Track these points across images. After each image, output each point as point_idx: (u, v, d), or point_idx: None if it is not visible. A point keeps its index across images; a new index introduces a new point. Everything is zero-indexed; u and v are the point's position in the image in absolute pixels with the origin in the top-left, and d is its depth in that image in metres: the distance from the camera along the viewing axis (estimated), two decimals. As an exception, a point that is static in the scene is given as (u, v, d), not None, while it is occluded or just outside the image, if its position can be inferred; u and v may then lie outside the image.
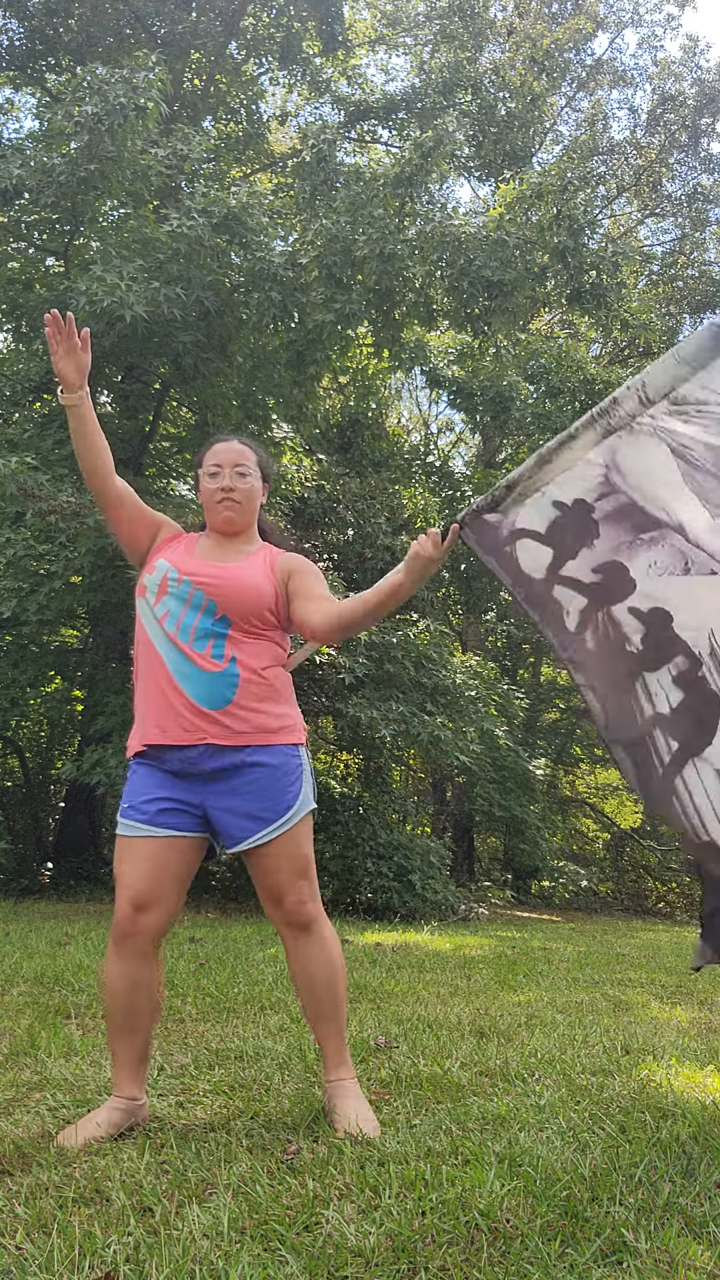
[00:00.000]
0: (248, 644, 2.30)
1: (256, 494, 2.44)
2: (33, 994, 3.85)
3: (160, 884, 2.20)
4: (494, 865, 17.63)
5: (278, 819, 2.22)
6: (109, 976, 2.22)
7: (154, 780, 2.25)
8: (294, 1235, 1.63)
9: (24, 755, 12.37)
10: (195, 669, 2.24)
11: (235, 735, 2.23)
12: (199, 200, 8.70)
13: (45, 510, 8.16)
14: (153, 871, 2.20)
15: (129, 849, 2.23)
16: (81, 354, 2.27)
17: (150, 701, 2.27)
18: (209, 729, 2.22)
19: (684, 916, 16.33)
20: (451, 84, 11.79)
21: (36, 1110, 2.32)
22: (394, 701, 10.05)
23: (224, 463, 2.41)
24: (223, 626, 2.28)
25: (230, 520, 2.40)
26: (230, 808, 2.22)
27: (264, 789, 2.23)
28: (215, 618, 2.28)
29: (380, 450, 13.61)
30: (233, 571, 2.32)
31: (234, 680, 2.25)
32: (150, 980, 2.22)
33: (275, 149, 14.44)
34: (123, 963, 2.20)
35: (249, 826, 2.22)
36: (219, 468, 2.41)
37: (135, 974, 2.19)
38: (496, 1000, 4.19)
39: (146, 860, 2.20)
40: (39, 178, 8.51)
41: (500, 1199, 1.75)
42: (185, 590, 2.28)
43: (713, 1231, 1.68)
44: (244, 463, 2.42)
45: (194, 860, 2.28)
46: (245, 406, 10.59)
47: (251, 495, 2.42)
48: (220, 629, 2.28)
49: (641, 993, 4.65)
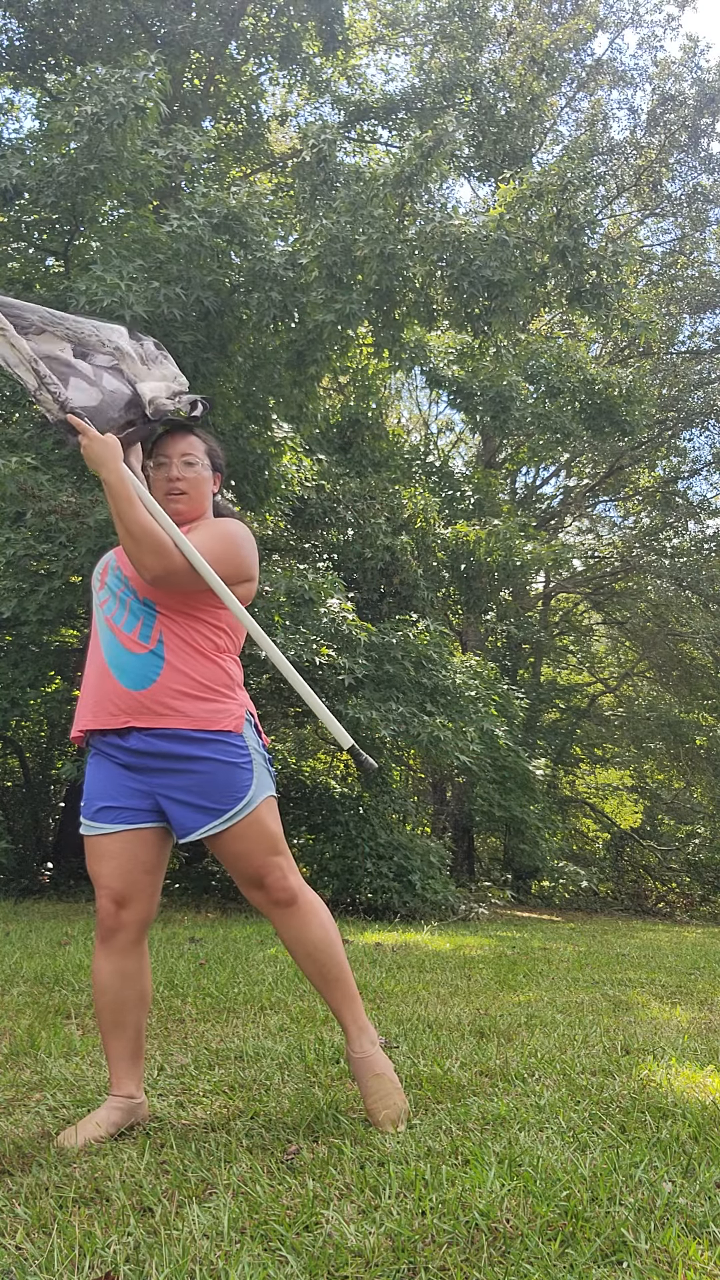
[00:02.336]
0: (177, 623, 2.26)
1: (204, 483, 2.41)
2: (33, 994, 3.85)
3: (134, 878, 2.22)
4: (494, 865, 17.64)
5: (231, 808, 2.20)
6: (97, 973, 2.24)
7: (106, 774, 2.26)
8: (294, 1235, 1.63)
9: (24, 755, 12.37)
10: (124, 650, 2.24)
11: (157, 717, 2.19)
12: (199, 200, 8.70)
13: (45, 510, 8.16)
14: (124, 867, 2.22)
15: (97, 848, 2.25)
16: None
17: (88, 686, 2.28)
18: (134, 711, 2.20)
19: (684, 916, 16.33)
20: (451, 84, 11.79)
21: (36, 1110, 2.32)
22: (394, 702, 10.05)
23: (171, 453, 2.38)
24: (150, 608, 2.26)
25: (179, 511, 2.37)
26: (179, 799, 2.21)
27: (213, 781, 2.20)
28: (141, 599, 2.27)
29: (380, 450, 13.61)
30: None
31: (159, 661, 2.22)
32: (138, 971, 2.25)
33: (275, 149, 14.44)
34: (111, 958, 2.23)
35: (199, 819, 2.20)
36: (166, 458, 2.39)
37: (123, 966, 2.23)
38: (496, 1000, 4.19)
39: (115, 857, 2.22)
40: (39, 178, 8.51)
41: (500, 1199, 1.75)
42: (114, 581, 2.31)
43: (713, 1231, 1.68)
44: (191, 452, 2.39)
45: (163, 848, 2.29)
46: (245, 406, 10.59)
47: (198, 484, 2.39)
48: (149, 609, 2.26)
49: (641, 993, 4.65)
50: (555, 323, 17.64)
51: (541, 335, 14.71)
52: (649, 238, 19.74)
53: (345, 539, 11.91)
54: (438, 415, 20.84)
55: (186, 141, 9.10)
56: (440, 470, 16.06)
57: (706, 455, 19.54)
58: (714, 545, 18.92)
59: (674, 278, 18.63)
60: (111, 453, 2.21)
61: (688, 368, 18.58)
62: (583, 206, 9.66)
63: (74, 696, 12.04)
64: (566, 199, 9.47)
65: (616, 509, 21.29)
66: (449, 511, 14.82)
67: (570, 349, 12.40)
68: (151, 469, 2.41)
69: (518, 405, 12.27)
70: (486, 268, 9.16)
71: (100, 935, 2.25)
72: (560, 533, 20.44)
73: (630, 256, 10.46)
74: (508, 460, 19.03)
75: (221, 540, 2.30)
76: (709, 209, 18.31)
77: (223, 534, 2.32)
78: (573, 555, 16.51)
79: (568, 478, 20.93)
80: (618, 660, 22.08)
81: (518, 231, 9.47)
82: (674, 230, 19.37)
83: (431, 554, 13.62)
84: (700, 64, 17.98)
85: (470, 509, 14.96)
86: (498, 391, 12.02)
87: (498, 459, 18.86)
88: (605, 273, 9.78)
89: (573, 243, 9.46)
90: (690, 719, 18.88)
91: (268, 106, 14.37)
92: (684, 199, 18.40)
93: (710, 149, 17.95)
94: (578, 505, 20.63)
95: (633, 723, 19.19)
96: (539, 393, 12.65)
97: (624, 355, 18.93)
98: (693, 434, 19.30)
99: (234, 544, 2.32)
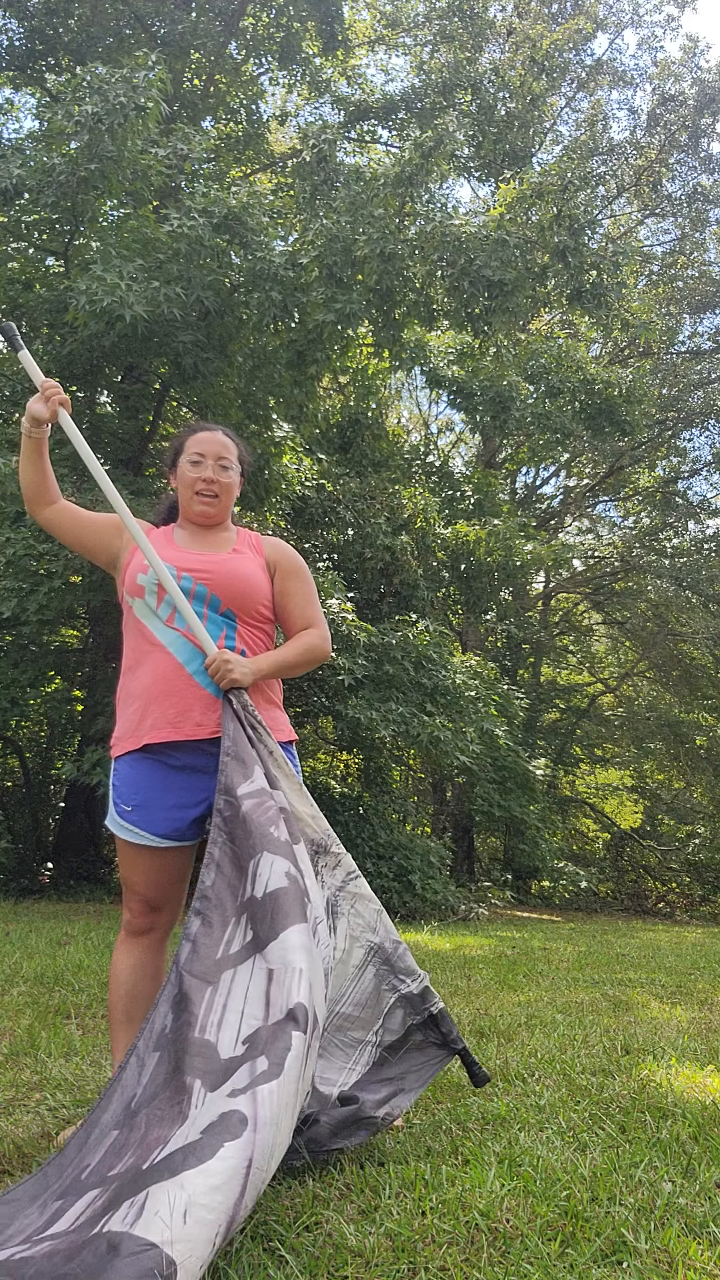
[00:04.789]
0: (250, 638, 2.33)
1: (235, 488, 2.44)
2: (33, 994, 3.85)
3: (169, 888, 2.27)
4: (494, 865, 17.63)
5: None
6: (118, 966, 2.26)
7: (157, 780, 2.24)
8: (294, 1235, 1.63)
9: (24, 755, 12.37)
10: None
11: None
12: (199, 200, 8.69)
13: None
14: (159, 878, 2.26)
15: (135, 857, 2.25)
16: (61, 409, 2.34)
17: (156, 700, 2.24)
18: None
19: (684, 916, 16.33)
20: (451, 84, 11.78)
21: (36, 1110, 2.32)
22: (393, 702, 10.05)
23: (208, 453, 2.39)
24: (231, 619, 2.30)
25: (206, 514, 2.39)
26: None
27: None
28: (220, 611, 2.29)
29: (380, 450, 13.61)
30: (226, 562, 2.33)
31: None
32: (156, 968, 2.29)
33: (275, 149, 14.44)
34: (133, 953, 2.27)
35: None
36: (202, 456, 2.39)
37: (144, 961, 2.26)
38: (496, 1000, 4.19)
39: (155, 870, 2.25)
40: (39, 178, 8.50)
41: (500, 1199, 1.75)
42: (185, 586, 2.28)
43: (713, 1231, 1.67)
44: (227, 456, 2.41)
45: (193, 856, 2.34)
46: (245, 406, 10.58)
47: (230, 490, 2.42)
48: (229, 621, 2.30)
49: (641, 993, 4.65)
50: (555, 323, 17.64)
51: (541, 335, 14.69)
52: (649, 238, 19.74)
53: (345, 539, 11.91)
54: (438, 415, 20.86)
55: (186, 141, 9.09)
56: (440, 470, 16.06)
57: (706, 455, 19.54)
58: (714, 545, 18.92)
59: (674, 278, 18.63)
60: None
61: (688, 368, 18.59)
62: (583, 206, 9.66)
63: (74, 696, 12.04)
64: (566, 199, 9.46)
65: (616, 509, 21.29)
66: (449, 511, 14.81)
67: (570, 349, 12.39)
68: (186, 464, 2.41)
69: (518, 405, 12.26)
70: (487, 268, 9.16)
71: (127, 932, 2.28)
72: (560, 533, 20.44)
73: (630, 256, 10.45)
74: (508, 460, 19.02)
75: (309, 581, 2.47)
76: (709, 209, 18.31)
77: (307, 574, 2.48)
78: (573, 555, 16.50)
79: (568, 478, 20.93)
80: (618, 660, 22.08)
81: (518, 231, 9.47)
82: (674, 230, 19.36)
83: (431, 554, 13.62)
84: (700, 64, 17.98)
85: (470, 509, 14.96)
86: (498, 391, 12.01)
87: (498, 459, 18.85)
88: (605, 273, 9.77)
89: (573, 243, 9.45)
90: (690, 719, 18.88)
91: (268, 106, 14.36)
92: (684, 199, 18.40)
93: (710, 149, 17.94)
94: (578, 505, 20.64)
95: (633, 723, 19.19)
96: (539, 393, 12.64)
97: (624, 355, 18.92)
98: (693, 434, 19.31)
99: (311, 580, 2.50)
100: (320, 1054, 2.09)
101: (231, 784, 2.10)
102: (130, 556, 2.37)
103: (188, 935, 1.95)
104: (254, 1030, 1.77)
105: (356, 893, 2.23)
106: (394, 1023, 2.20)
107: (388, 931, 2.23)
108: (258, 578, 2.34)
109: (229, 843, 2.04)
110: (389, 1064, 2.19)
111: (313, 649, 2.37)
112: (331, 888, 2.22)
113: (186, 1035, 1.79)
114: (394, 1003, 2.20)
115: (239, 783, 2.11)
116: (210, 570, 2.29)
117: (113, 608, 9.68)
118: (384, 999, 2.20)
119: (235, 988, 1.86)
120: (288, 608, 2.40)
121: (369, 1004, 2.19)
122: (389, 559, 12.00)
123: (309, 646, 2.36)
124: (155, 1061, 1.80)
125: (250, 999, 1.83)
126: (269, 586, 2.38)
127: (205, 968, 1.89)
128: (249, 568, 2.34)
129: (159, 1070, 1.78)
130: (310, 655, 2.36)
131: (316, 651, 2.37)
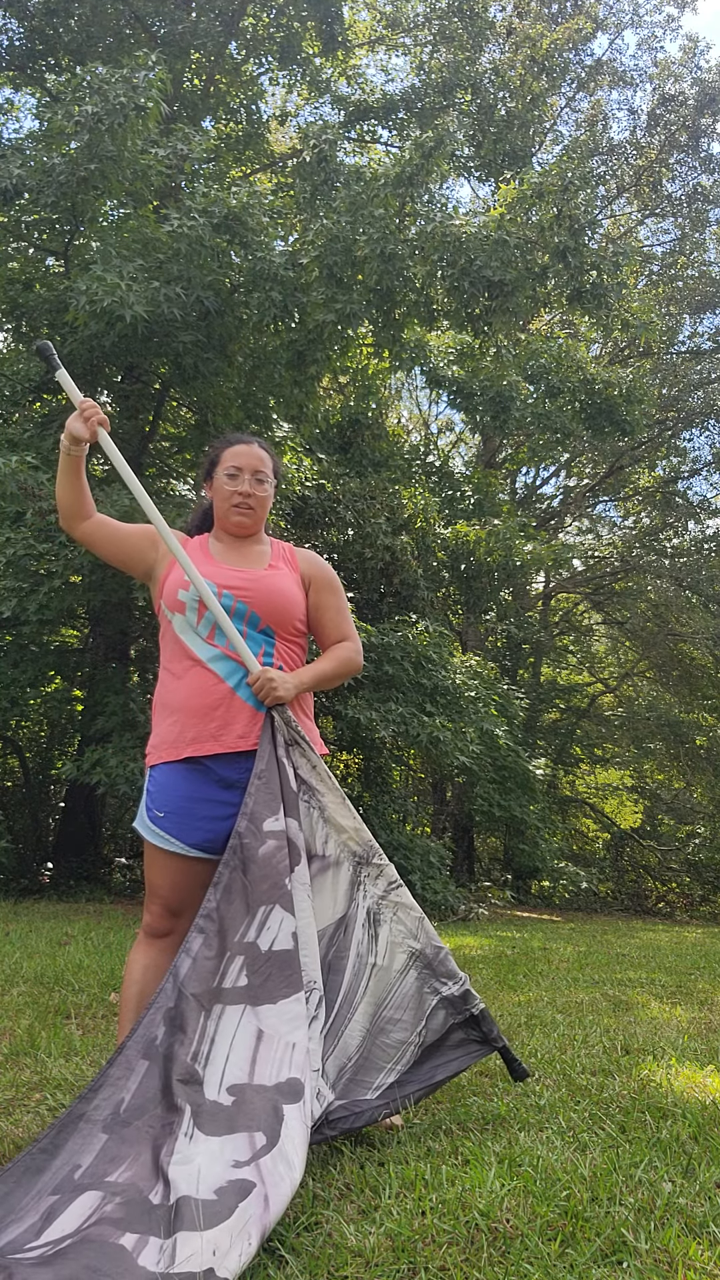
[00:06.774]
0: (287, 653, 2.39)
1: (269, 501, 2.49)
2: (33, 994, 3.85)
3: (192, 893, 2.30)
4: (494, 865, 17.63)
5: None
6: (132, 966, 2.30)
7: (194, 791, 2.28)
8: (294, 1235, 1.63)
9: (24, 755, 12.37)
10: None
11: None
12: (199, 200, 8.69)
13: (45, 510, 8.16)
14: (186, 885, 2.30)
15: (163, 862, 2.29)
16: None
17: (196, 715, 2.28)
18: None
19: (684, 916, 16.33)
20: (451, 84, 11.78)
21: (36, 1110, 2.32)
22: (393, 702, 10.05)
23: (245, 466, 2.44)
24: (270, 635, 2.35)
25: (242, 525, 2.45)
26: None
27: None
28: (259, 628, 2.34)
29: (380, 450, 13.60)
30: (264, 579, 2.37)
31: None
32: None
33: (275, 149, 14.43)
34: (150, 953, 2.30)
35: None
36: (239, 470, 2.44)
37: (160, 961, 2.29)
38: (496, 1000, 4.19)
39: (181, 876, 2.29)
40: (39, 178, 8.50)
41: (500, 1199, 1.75)
42: (226, 604, 2.32)
43: (713, 1231, 1.67)
44: (264, 469, 2.46)
45: (216, 865, 2.36)
46: (245, 406, 10.58)
47: (265, 503, 2.47)
48: (269, 638, 2.35)
49: (641, 993, 4.65)
50: (555, 323, 17.64)
51: (541, 335, 14.68)
52: (649, 238, 19.75)
53: (345, 539, 11.90)
54: (438, 415, 20.85)
55: (186, 141, 9.09)
56: (440, 470, 16.05)
57: (706, 455, 19.54)
58: (714, 545, 18.92)
59: (674, 278, 18.63)
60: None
61: (688, 368, 18.58)
62: (583, 207, 9.65)
63: (74, 696, 12.04)
64: (567, 199, 9.46)
65: (616, 509, 21.29)
66: (449, 511, 14.81)
67: (570, 349, 12.38)
68: (222, 475, 2.44)
69: (518, 405, 12.26)
70: (487, 268, 9.16)
71: (148, 935, 2.32)
72: (560, 533, 20.44)
73: (630, 257, 10.45)
74: (508, 460, 19.02)
75: (342, 594, 2.55)
76: (709, 209, 18.31)
77: (340, 587, 2.54)
78: (573, 555, 16.50)
79: (568, 478, 20.93)
80: (618, 660, 22.08)
81: (518, 232, 9.46)
82: (674, 230, 19.36)
83: (431, 554, 13.61)
84: (700, 64, 17.98)
85: (470, 509, 14.95)
86: (498, 391, 12.01)
87: (498, 459, 18.85)
88: (605, 273, 9.77)
89: (573, 243, 9.45)
90: (690, 719, 18.89)
91: (268, 106, 14.36)
92: (684, 199, 18.40)
93: (710, 149, 17.93)
94: (578, 505, 20.63)
95: (633, 723, 19.19)
96: (539, 393, 12.64)
97: (624, 355, 18.93)
98: (693, 434, 19.30)
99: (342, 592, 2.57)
100: (362, 1063, 2.19)
101: (258, 813, 2.16)
102: (168, 569, 2.40)
103: (189, 950, 2.01)
104: (238, 1084, 1.86)
105: (398, 902, 2.31)
106: (436, 1023, 2.27)
107: (429, 937, 2.31)
108: (294, 594, 2.40)
109: (241, 872, 2.11)
110: (426, 1062, 2.27)
111: (348, 661, 2.45)
112: (374, 897, 2.30)
113: (176, 1053, 1.86)
114: (435, 1004, 2.27)
115: (264, 815, 2.17)
116: (250, 588, 2.34)
117: (112, 608, 9.67)
118: (425, 1001, 2.27)
119: (224, 1026, 1.94)
120: (322, 621, 2.47)
121: (410, 1005, 2.26)
122: (389, 559, 11.99)
123: (345, 659, 2.45)
124: (144, 1071, 1.85)
125: (236, 1047, 1.91)
126: (304, 601, 2.44)
127: (201, 991, 1.96)
128: (286, 584, 2.39)
129: (149, 1082, 1.83)
130: (346, 668, 2.45)
131: (352, 664, 2.46)
